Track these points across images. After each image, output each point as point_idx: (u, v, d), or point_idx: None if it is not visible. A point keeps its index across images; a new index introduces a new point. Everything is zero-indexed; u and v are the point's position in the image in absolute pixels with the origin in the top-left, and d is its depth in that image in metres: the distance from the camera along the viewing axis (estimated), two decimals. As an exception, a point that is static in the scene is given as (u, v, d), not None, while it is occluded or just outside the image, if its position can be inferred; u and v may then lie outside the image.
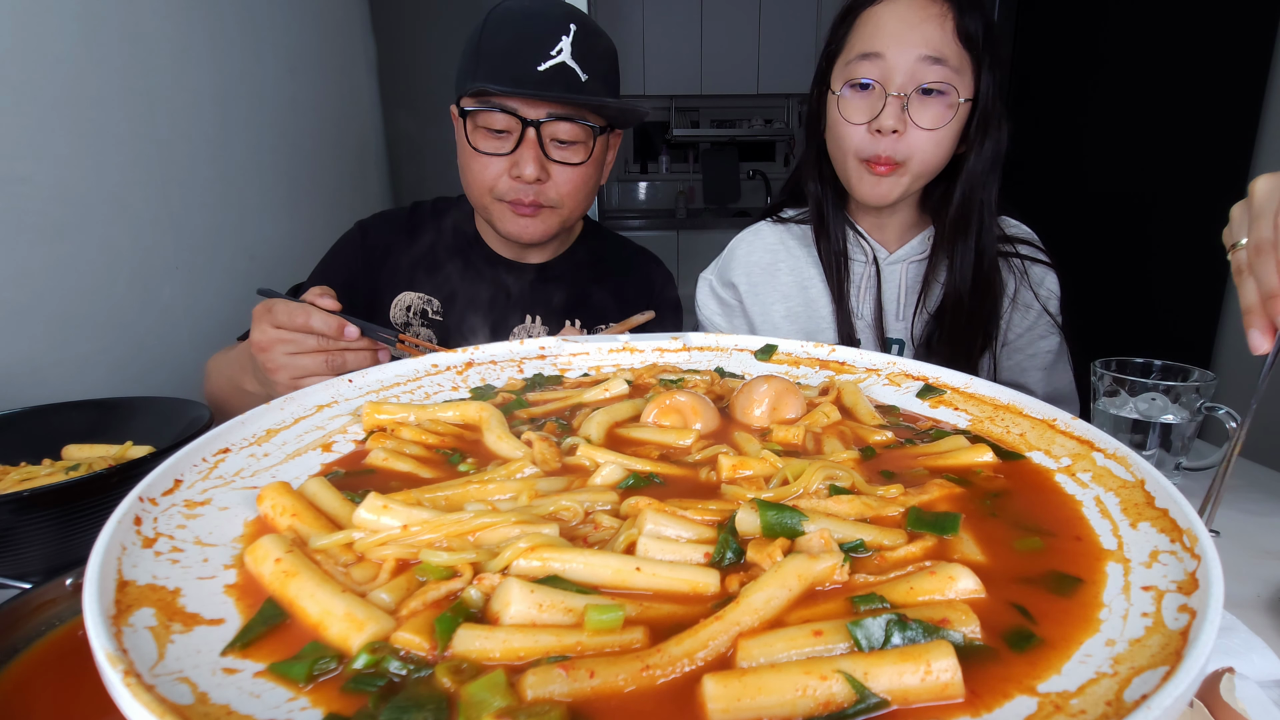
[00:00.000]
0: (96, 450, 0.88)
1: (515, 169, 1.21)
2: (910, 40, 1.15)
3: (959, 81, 1.17)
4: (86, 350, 1.37)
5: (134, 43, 1.49)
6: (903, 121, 1.17)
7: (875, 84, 1.18)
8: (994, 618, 0.41)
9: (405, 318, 1.33)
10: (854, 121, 1.20)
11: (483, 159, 1.22)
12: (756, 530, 0.49)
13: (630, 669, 0.35)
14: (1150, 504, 0.51)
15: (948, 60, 1.15)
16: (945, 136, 1.19)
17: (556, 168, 1.24)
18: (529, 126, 1.19)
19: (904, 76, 1.16)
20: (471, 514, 0.48)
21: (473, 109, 1.20)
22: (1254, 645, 0.61)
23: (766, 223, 1.42)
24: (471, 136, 1.22)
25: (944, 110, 1.17)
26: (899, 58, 1.16)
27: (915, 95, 1.16)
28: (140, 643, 0.36)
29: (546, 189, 1.24)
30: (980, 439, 0.68)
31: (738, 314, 1.40)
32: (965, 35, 1.16)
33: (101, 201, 1.41)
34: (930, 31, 1.15)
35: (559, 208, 1.28)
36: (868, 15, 1.21)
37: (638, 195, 5.88)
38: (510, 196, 1.24)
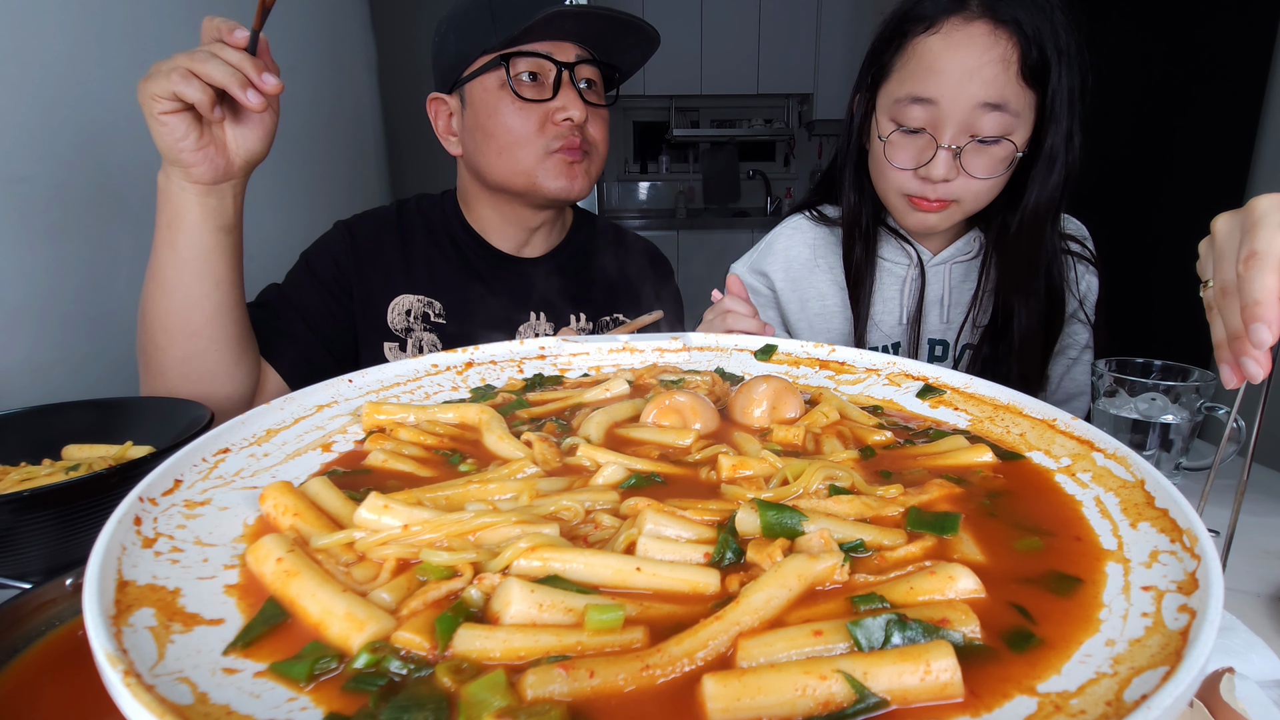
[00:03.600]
0: (96, 450, 0.88)
1: (561, 113, 1.19)
2: (967, 87, 1.04)
3: (1019, 126, 1.06)
4: (86, 350, 1.36)
5: (134, 42, 1.49)
6: (954, 170, 1.09)
7: (925, 130, 1.08)
8: (994, 618, 0.41)
9: (406, 322, 1.28)
10: (901, 167, 1.12)
11: (523, 112, 1.19)
12: (756, 530, 0.49)
13: (630, 669, 0.35)
14: (1150, 504, 0.51)
15: (1008, 105, 1.04)
16: (1001, 180, 1.11)
17: (591, 111, 1.23)
18: (564, 70, 1.18)
19: (957, 127, 1.06)
20: (472, 514, 0.48)
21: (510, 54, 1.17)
22: (1254, 645, 0.61)
23: (805, 219, 1.38)
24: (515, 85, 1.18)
25: (998, 161, 1.09)
26: (953, 106, 1.05)
27: (969, 145, 1.07)
28: (140, 643, 0.36)
29: (588, 131, 1.23)
30: (980, 439, 0.68)
31: (769, 304, 1.38)
32: (1031, 72, 1.04)
33: (101, 201, 1.41)
34: (991, 75, 1.03)
35: (595, 155, 1.27)
36: (920, 46, 1.08)
37: (638, 195, 5.88)
38: (557, 144, 1.21)
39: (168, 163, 0.93)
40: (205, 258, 0.97)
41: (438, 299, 1.30)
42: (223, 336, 1.01)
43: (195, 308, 0.98)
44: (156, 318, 0.98)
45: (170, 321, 0.98)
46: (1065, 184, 1.13)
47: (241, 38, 0.91)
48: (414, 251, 1.31)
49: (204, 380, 1.01)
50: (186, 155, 0.91)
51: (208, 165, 0.93)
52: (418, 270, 1.30)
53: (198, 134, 0.91)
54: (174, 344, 0.99)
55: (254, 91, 0.90)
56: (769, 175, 5.61)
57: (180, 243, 0.96)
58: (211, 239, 0.97)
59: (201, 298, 0.98)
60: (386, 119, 2.85)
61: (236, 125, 0.95)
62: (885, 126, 1.13)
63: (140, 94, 0.89)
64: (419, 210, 1.37)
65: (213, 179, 0.94)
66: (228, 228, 0.99)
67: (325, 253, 1.28)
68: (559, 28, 1.16)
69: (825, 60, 5.17)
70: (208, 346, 1.00)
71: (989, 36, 1.04)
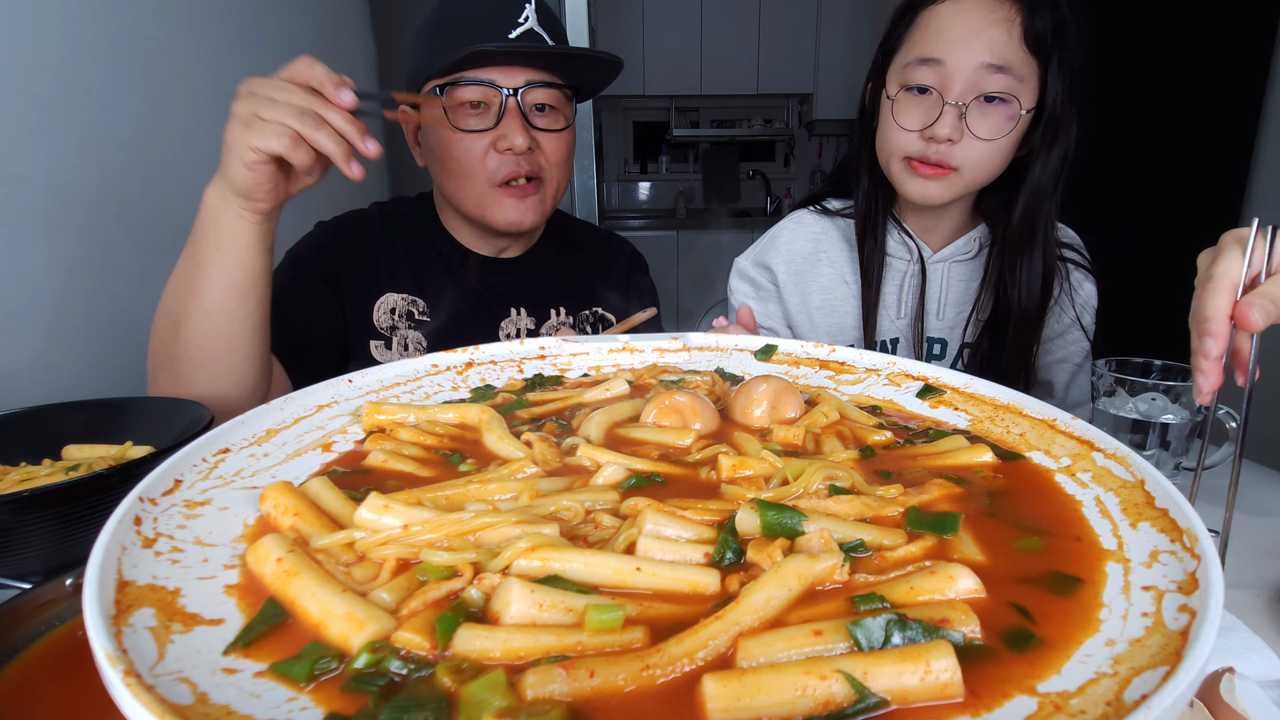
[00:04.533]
0: (96, 450, 0.88)
1: (503, 141, 1.18)
2: (973, 46, 1.08)
3: (1023, 90, 1.10)
4: (86, 350, 1.36)
5: (134, 43, 1.49)
6: (959, 130, 1.11)
7: (932, 90, 1.12)
8: (994, 618, 0.41)
9: (391, 320, 1.30)
10: (907, 127, 1.15)
11: (465, 141, 1.18)
12: (756, 530, 0.49)
13: (630, 669, 0.35)
14: (1150, 504, 0.51)
15: (1012, 68, 1.08)
16: (1004, 146, 1.14)
17: (542, 136, 1.22)
18: (509, 96, 1.17)
19: (963, 85, 1.09)
20: (472, 514, 0.48)
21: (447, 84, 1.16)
22: (1254, 645, 0.61)
23: (809, 212, 1.39)
24: (451, 116, 1.18)
25: (1004, 121, 1.11)
26: (959, 64, 1.09)
27: (974, 103, 1.10)
28: (140, 643, 0.36)
29: (535, 159, 1.22)
30: (980, 439, 0.68)
31: (772, 299, 1.38)
32: (1034, 39, 1.08)
33: (101, 201, 1.41)
34: (995, 36, 1.07)
35: (549, 180, 1.26)
36: (929, 14, 1.13)
37: (638, 195, 5.88)
38: (502, 174, 1.20)
39: (231, 192, 0.90)
40: (254, 281, 0.96)
41: (421, 297, 1.32)
42: (258, 352, 1.01)
43: (239, 327, 0.96)
44: (195, 333, 0.96)
45: (210, 340, 0.96)
46: (1063, 164, 1.16)
47: (350, 100, 0.86)
48: (396, 250, 1.33)
49: (231, 391, 1.00)
50: (261, 194, 0.89)
51: (275, 202, 0.92)
52: (401, 269, 1.31)
53: (278, 178, 0.90)
54: (211, 361, 0.97)
55: (358, 164, 0.88)
56: (769, 175, 5.60)
57: (230, 265, 0.93)
58: (261, 261, 0.96)
59: (246, 318, 0.96)
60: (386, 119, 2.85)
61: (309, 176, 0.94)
62: (893, 90, 1.17)
63: (234, 138, 0.85)
64: (397, 212, 1.39)
65: (273, 209, 0.93)
66: (270, 249, 0.98)
67: (311, 253, 1.29)
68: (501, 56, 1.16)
69: (825, 60, 5.17)
70: (244, 362, 0.99)
71: (993, 1, 1.09)
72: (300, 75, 0.86)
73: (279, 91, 0.84)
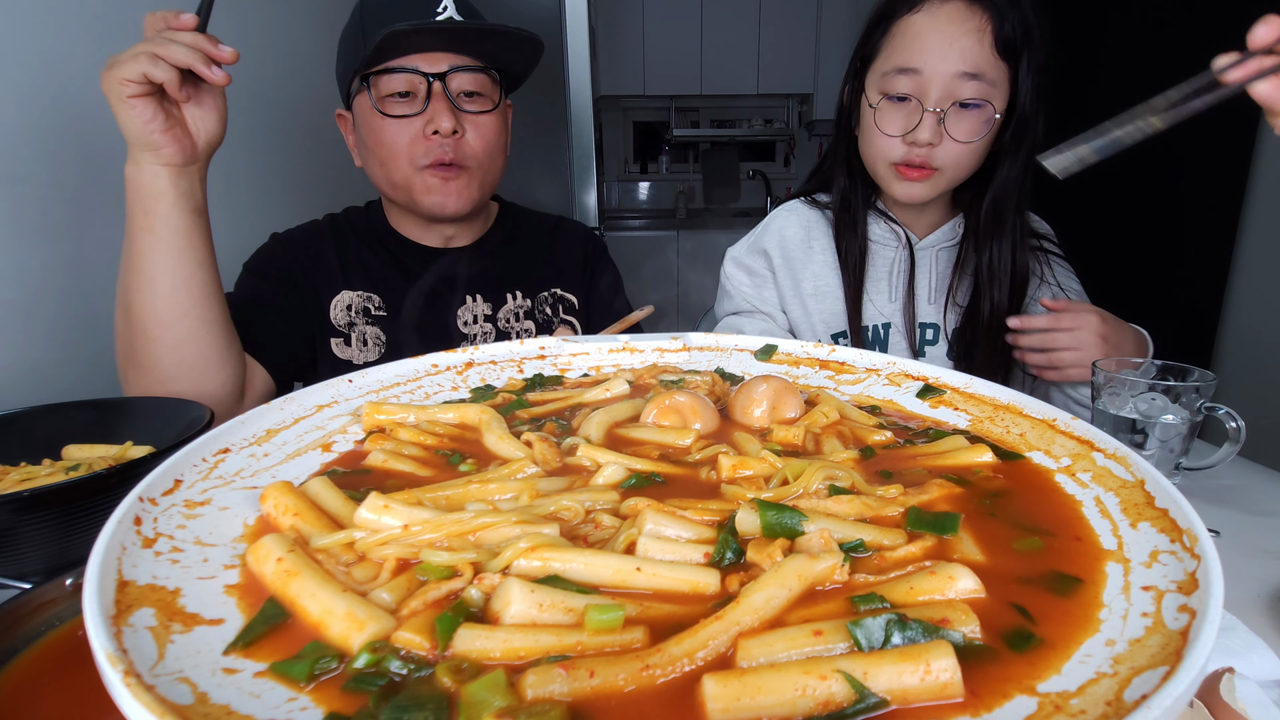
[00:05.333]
0: (96, 450, 0.88)
1: (430, 125, 1.20)
2: (948, 56, 1.16)
3: (995, 95, 1.18)
4: (86, 350, 1.36)
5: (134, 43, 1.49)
6: (938, 135, 1.19)
7: (911, 97, 1.18)
8: (994, 618, 0.41)
9: (349, 317, 1.32)
10: (890, 134, 1.22)
11: (392, 126, 1.21)
12: (756, 530, 0.49)
13: (630, 669, 0.35)
14: (1150, 504, 0.51)
15: (985, 75, 1.16)
16: (980, 146, 1.21)
17: (469, 120, 1.24)
18: (434, 81, 1.19)
19: (940, 92, 1.17)
20: (472, 514, 0.48)
21: (373, 73, 1.19)
22: (1254, 645, 0.61)
23: (799, 202, 1.45)
24: (381, 105, 1.21)
25: (979, 124, 1.19)
26: (936, 73, 1.16)
27: (952, 109, 1.17)
28: (140, 643, 0.36)
29: (463, 145, 1.24)
30: (980, 439, 0.68)
31: (768, 285, 1.42)
32: (1004, 45, 1.16)
33: (101, 201, 1.41)
34: (968, 45, 1.15)
35: (475, 168, 1.27)
36: (904, 24, 1.21)
37: (638, 195, 5.88)
38: (430, 158, 1.22)
39: (137, 149, 0.97)
40: (186, 239, 1.00)
41: (375, 293, 1.34)
42: (211, 318, 1.04)
43: (183, 289, 1.01)
44: (145, 307, 1.00)
45: (160, 308, 1.00)
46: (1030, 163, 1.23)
47: (189, 20, 0.96)
48: (349, 254, 1.35)
49: (197, 368, 1.03)
50: (156, 137, 0.95)
51: (176, 146, 0.97)
52: (354, 270, 1.34)
53: (164, 115, 0.95)
54: (166, 330, 1.00)
55: (216, 67, 0.96)
56: (769, 175, 5.60)
57: (159, 227, 0.98)
58: (189, 220, 1.01)
59: (188, 278, 1.01)
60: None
61: (195, 107, 1.00)
62: (874, 98, 1.24)
63: (106, 83, 0.93)
64: (348, 220, 1.42)
65: (182, 160, 0.98)
66: (200, 209, 1.03)
67: (269, 261, 1.32)
68: (420, 41, 1.17)
69: (825, 60, 5.17)
70: (199, 329, 1.03)
71: (965, 11, 1.17)
72: (145, 26, 0.97)
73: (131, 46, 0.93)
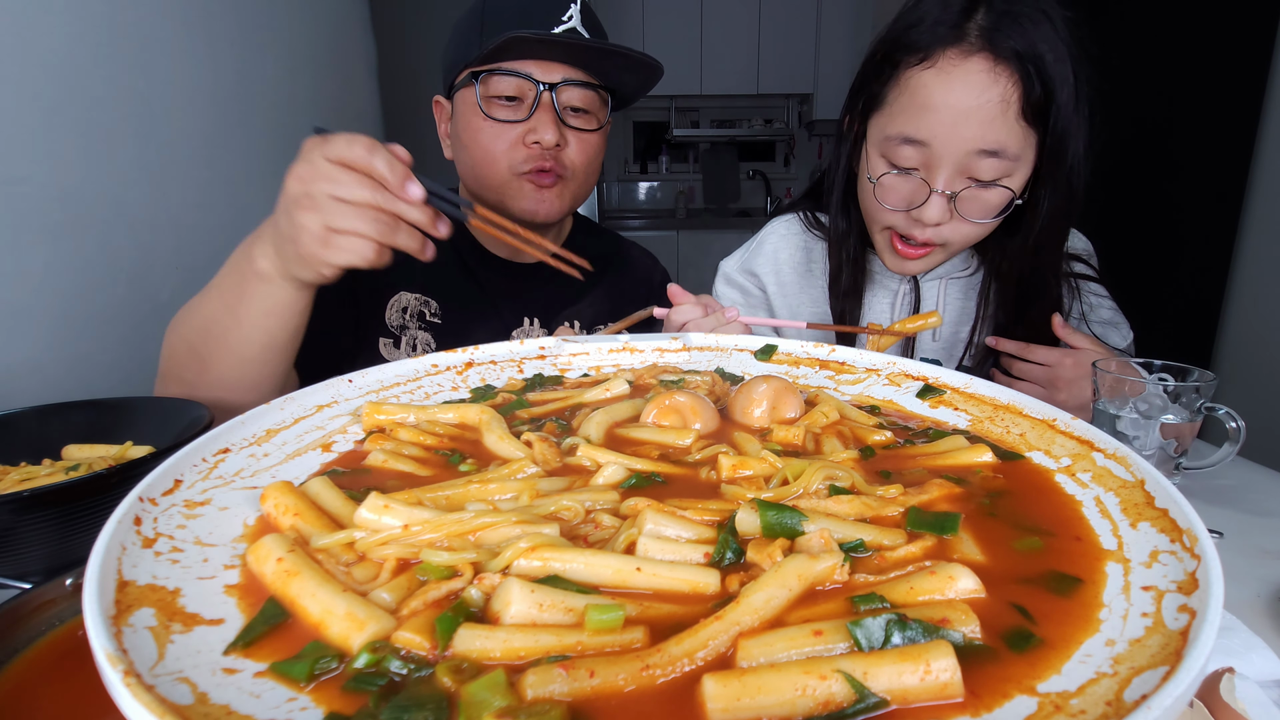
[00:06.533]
0: (96, 450, 0.88)
1: (533, 135, 1.17)
2: (963, 131, 0.97)
3: (1018, 169, 1.01)
4: (86, 350, 1.36)
5: (134, 43, 1.49)
6: (947, 214, 1.03)
7: (918, 171, 1.03)
8: (994, 618, 0.41)
9: (402, 320, 1.29)
10: (893, 207, 1.07)
11: (495, 129, 1.17)
12: (756, 530, 0.49)
13: (630, 669, 0.35)
14: (1150, 504, 0.51)
15: (1006, 151, 0.98)
16: (993, 224, 1.06)
17: (572, 135, 1.21)
18: (544, 91, 1.16)
19: (953, 169, 1.00)
20: (472, 514, 0.48)
21: (484, 71, 1.15)
22: (1254, 645, 0.61)
23: (798, 222, 1.35)
24: (485, 105, 1.17)
25: (995, 203, 1.03)
26: (948, 148, 0.98)
27: (965, 191, 1.02)
28: (140, 643, 0.36)
29: (563, 156, 1.21)
30: (980, 439, 0.68)
31: (760, 305, 1.37)
32: (1034, 112, 0.97)
33: (101, 201, 1.41)
34: (989, 116, 0.96)
35: (572, 178, 1.24)
36: (913, 80, 1.01)
37: (638, 195, 5.89)
38: (529, 166, 1.19)
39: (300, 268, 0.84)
40: (296, 333, 0.95)
41: (434, 298, 1.31)
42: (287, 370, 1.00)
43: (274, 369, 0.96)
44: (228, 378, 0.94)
45: (243, 381, 0.95)
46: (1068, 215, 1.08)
47: (418, 195, 0.81)
48: None
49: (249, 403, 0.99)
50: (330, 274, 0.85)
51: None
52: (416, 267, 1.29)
53: None
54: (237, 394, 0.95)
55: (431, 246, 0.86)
56: (769, 175, 5.61)
57: (276, 328, 0.91)
58: (306, 318, 0.95)
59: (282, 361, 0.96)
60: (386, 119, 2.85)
61: None
62: (876, 164, 1.07)
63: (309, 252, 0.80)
64: None
65: None
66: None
67: None
68: (539, 48, 1.14)
69: (825, 60, 5.17)
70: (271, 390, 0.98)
71: (987, 74, 0.96)
72: (361, 163, 0.79)
73: (343, 188, 0.78)
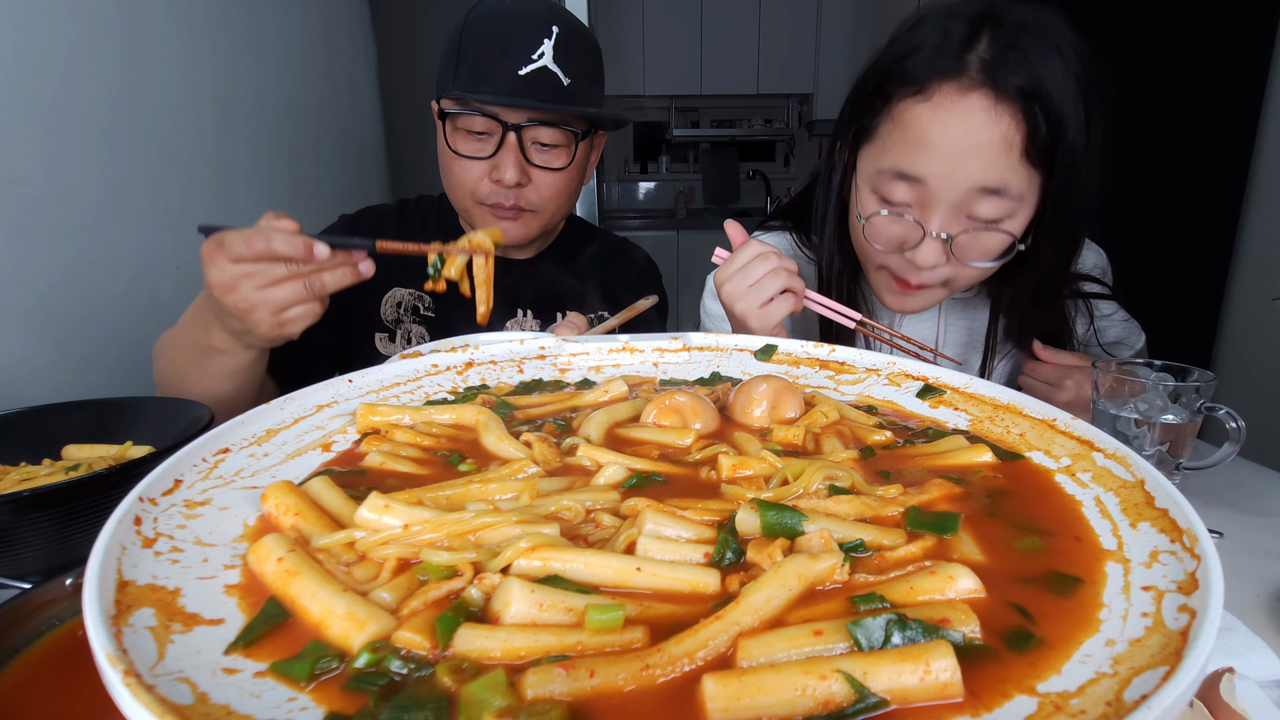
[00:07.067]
0: (96, 450, 0.88)
1: (495, 173, 1.21)
2: (962, 169, 0.90)
3: (1021, 209, 0.93)
4: (86, 350, 1.36)
5: (134, 43, 1.49)
6: (943, 257, 0.96)
7: (911, 210, 0.96)
8: (994, 618, 0.41)
9: (396, 314, 1.32)
10: (883, 248, 1.00)
11: (463, 162, 1.22)
12: (756, 530, 0.49)
13: (630, 668, 0.35)
14: (1150, 504, 0.51)
15: (1008, 190, 0.90)
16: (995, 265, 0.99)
17: (538, 172, 1.23)
18: (509, 130, 1.18)
19: (949, 210, 0.93)
20: (473, 513, 0.48)
21: (452, 111, 1.19)
22: (1254, 645, 0.61)
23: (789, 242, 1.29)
24: (451, 139, 1.21)
25: (998, 245, 0.96)
26: (945, 187, 0.91)
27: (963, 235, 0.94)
28: (140, 643, 0.36)
29: (527, 193, 1.24)
30: (980, 439, 0.68)
31: None
32: (1039, 153, 0.89)
33: (101, 201, 1.41)
34: (990, 156, 0.88)
35: (540, 212, 1.27)
36: (907, 113, 0.93)
37: (638, 195, 5.88)
38: (491, 200, 1.24)
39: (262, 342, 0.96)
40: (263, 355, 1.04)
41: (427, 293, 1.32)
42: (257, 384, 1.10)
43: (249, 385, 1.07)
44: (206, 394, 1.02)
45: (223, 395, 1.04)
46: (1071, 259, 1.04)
47: (324, 254, 0.91)
48: None
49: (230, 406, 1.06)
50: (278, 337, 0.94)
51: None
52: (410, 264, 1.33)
53: None
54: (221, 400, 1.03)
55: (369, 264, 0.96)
56: (769, 175, 5.60)
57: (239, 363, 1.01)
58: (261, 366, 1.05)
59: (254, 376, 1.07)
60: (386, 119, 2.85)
61: None
62: (866, 201, 1.00)
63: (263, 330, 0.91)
64: (418, 209, 1.42)
65: None
66: None
67: None
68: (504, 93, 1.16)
69: (825, 60, 5.17)
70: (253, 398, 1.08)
71: (989, 113, 0.88)
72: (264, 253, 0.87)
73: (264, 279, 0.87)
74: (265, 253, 0.86)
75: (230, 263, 0.86)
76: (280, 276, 0.88)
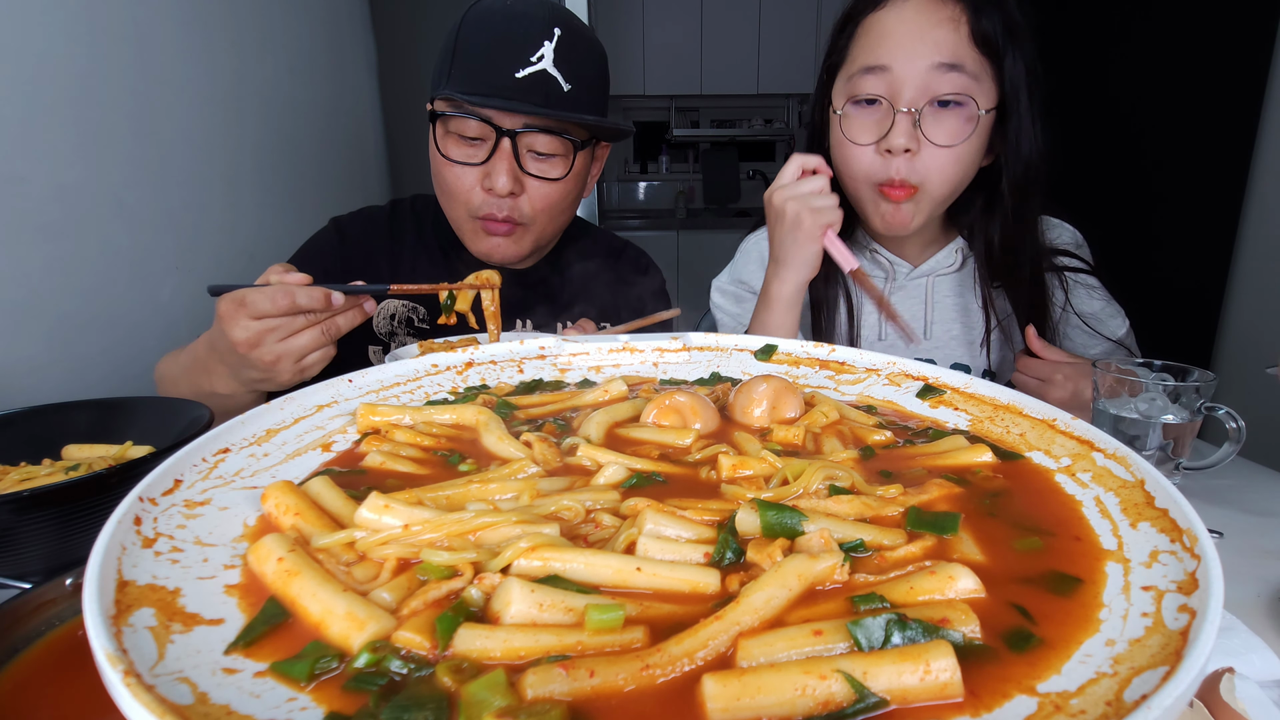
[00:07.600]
0: (96, 450, 0.88)
1: (487, 180, 1.15)
2: (919, 49, 1.03)
3: (979, 90, 1.04)
4: (86, 350, 1.36)
5: (134, 43, 1.49)
6: (915, 139, 1.05)
7: (882, 99, 1.06)
8: (994, 618, 0.41)
9: (390, 326, 1.29)
10: (860, 142, 1.09)
11: (455, 168, 1.17)
12: (756, 530, 0.49)
13: (630, 668, 0.35)
14: (1150, 504, 0.51)
15: (964, 66, 1.03)
16: (965, 152, 1.07)
17: (532, 182, 1.18)
18: (504, 136, 1.12)
19: (914, 90, 1.04)
20: (473, 513, 0.48)
21: (444, 113, 1.14)
22: (1254, 645, 0.61)
23: None
24: (442, 143, 1.16)
25: (962, 124, 1.05)
26: (907, 68, 1.03)
27: (929, 109, 1.04)
28: (140, 643, 0.36)
29: (520, 203, 1.18)
30: (980, 439, 0.68)
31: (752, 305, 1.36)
32: (983, 39, 1.03)
33: (101, 201, 1.41)
34: (942, 36, 1.03)
35: (531, 225, 1.21)
36: (870, 22, 1.08)
37: (638, 195, 5.88)
38: (483, 211, 1.18)
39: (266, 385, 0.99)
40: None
41: (422, 304, 1.30)
42: None
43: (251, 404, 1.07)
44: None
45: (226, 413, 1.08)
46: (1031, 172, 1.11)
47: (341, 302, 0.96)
48: (402, 255, 1.31)
49: None
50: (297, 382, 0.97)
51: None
52: (404, 275, 1.29)
53: None
54: None
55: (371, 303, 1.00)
56: (769, 175, 5.59)
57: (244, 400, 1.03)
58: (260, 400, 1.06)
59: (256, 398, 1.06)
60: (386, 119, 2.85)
61: None
62: (841, 103, 1.11)
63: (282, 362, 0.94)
64: (413, 211, 1.36)
65: None
66: None
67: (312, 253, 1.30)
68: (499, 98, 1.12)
69: (825, 60, 5.16)
70: None
71: (936, 2, 1.05)
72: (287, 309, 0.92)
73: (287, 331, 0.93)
74: (288, 308, 0.91)
75: (252, 320, 0.91)
76: (300, 327, 0.93)
